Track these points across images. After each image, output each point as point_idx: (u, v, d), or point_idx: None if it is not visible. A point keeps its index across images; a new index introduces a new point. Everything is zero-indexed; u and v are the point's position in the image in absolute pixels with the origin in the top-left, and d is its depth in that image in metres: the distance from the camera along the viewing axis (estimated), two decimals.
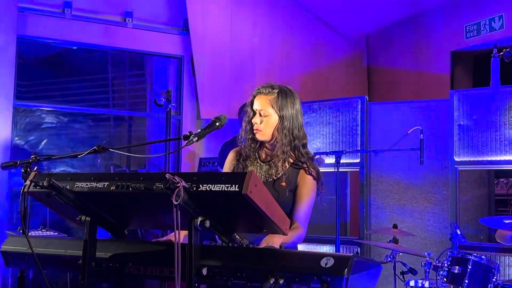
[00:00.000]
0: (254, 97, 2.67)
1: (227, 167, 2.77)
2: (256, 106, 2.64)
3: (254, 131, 2.66)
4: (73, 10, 5.33)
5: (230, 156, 2.79)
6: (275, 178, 2.62)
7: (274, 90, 2.63)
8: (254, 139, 2.68)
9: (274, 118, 2.62)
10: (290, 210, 2.62)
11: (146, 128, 5.99)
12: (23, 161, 2.58)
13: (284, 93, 2.63)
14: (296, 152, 2.63)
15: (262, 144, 2.70)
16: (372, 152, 4.97)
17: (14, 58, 4.63)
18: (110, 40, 5.50)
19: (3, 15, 4.54)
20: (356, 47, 6.94)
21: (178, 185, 1.82)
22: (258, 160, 2.70)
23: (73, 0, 5.35)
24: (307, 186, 2.62)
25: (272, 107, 2.61)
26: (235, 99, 5.59)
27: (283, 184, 2.59)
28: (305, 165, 2.63)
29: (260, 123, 2.63)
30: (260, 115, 2.63)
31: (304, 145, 2.67)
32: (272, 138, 2.65)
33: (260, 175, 2.63)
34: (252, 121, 2.66)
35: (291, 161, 2.62)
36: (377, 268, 2.12)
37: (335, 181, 4.44)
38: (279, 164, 2.61)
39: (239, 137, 2.75)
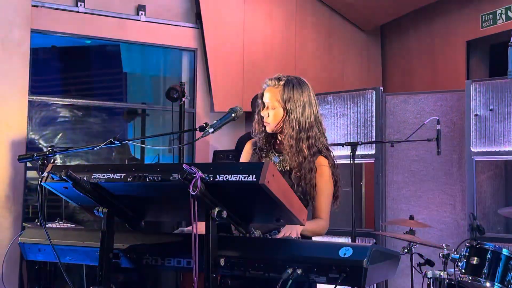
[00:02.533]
0: (264, 89, 2.68)
1: (244, 157, 2.78)
2: (265, 99, 2.66)
3: (264, 124, 2.66)
4: (86, 4, 5.35)
5: (247, 147, 2.80)
6: (289, 169, 2.62)
7: (280, 83, 2.63)
8: (266, 131, 2.69)
9: (280, 110, 2.62)
10: (306, 200, 2.62)
11: (160, 121, 6.00)
12: (40, 153, 2.59)
13: (290, 85, 2.62)
14: (309, 143, 2.61)
15: (276, 135, 2.70)
16: (387, 143, 4.95)
17: (29, 52, 4.65)
18: (123, 34, 5.52)
19: (17, 9, 4.56)
20: (370, 38, 6.91)
21: (195, 175, 1.82)
22: (273, 151, 2.70)
23: None
24: (324, 177, 2.62)
25: (277, 100, 2.61)
26: (248, 92, 5.59)
27: (297, 174, 2.59)
28: (320, 156, 2.62)
29: (268, 116, 2.64)
30: (268, 108, 2.64)
31: (317, 136, 2.64)
32: (281, 130, 2.64)
33: (275, 165, 2.63)
34: (262, 113, 2.67)
35: (304, 154, 2.60)
36: (396, 258, 2.12)
37: (350, 173, 4.43)
38: (292, 155, 2.61)
39: (253, 130, 2.76)
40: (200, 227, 2.32)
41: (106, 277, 2.07)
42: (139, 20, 5.59)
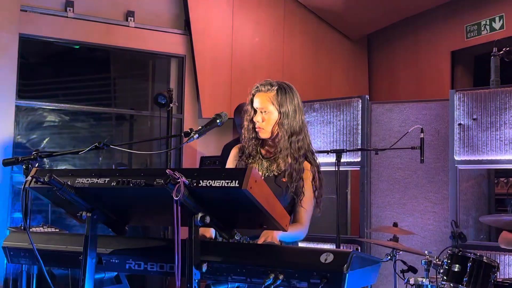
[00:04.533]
0: (254, 95, 2.67)
1: (230, 162, 2.78)
2: (257, 104, 2.64)
3: (257, 130, 2.66)
4: (75, 9, 5.34)
5: (234, 152, 2.80)
6: (276, 174, 2.63)
7: (273, 87, 2.63)
8: (257, 138, 2.69)
9: (275, 115, 2.62)
10: (291, 205, 2.62)
11: (148, 127, 5.99)
12: (24, 157, 2.58)
13: (283, 89, 2.64)
14: (299, 145, 2.63)
15: (263, 141, 2.71)
16: (372, 151, 4.97)
17: (16, 56, 4.64)
18: (112, 39, 5.51)
19: (5, 13, 4.54)
20: (357, 47, 6.95)
21: (178, 180, 1.82)
22: (260, 157, 2.70)
23: (75, 0, 5.35)
24: (306, 182, 2.62)
25: (273, 104, 2.62)
26: (236, 99, 5.59)
27: (284, 180, 2.60)
28: (308, 160, 2.64)
29: (262, 121, 2.63)
30: (261, 113, 2.63)
31: (304, 140, 2.66)
32: (273, 135, 2.65)
33: (261, 171, 2.64)
34: (254, 119, 2.65)
35: (295, 156, 2.61)
36: (377, 264, 2.12)
37: (335, 180, 4.44)
38: (280, 160, 2.62)
39: (242, 137, 2.75)
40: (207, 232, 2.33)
41: (89, 281, 2.06)
42: (128, 26, 5.59)
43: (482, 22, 5.88)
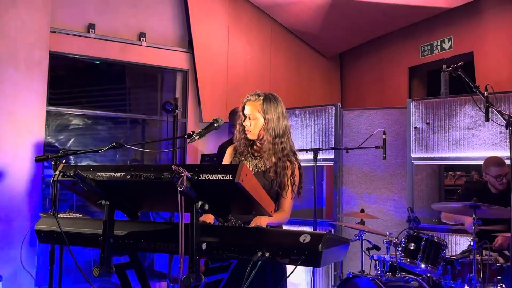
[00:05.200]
0: (245, 103, 2.67)
1: (226, 160, 2.77)
2: (246, 111, 2.65)
3: (246, 132, 2.66)
4: (96, 30, 5.32)
5: (229, 150, 2.79)
6: (264, 169, 2.63)
7: (260, 97, 2.64)
8: (246, 138, 2.69)
9: (261, 120, 2.62)
10: (277, 196, 2.62)
11: (157, 130, 5.97)
12: (53, 154, 2.55)
13: (268, 99, 2.64)
14: (282, 146, 2.62)
15: (253, 142, 2.71)
16: (343, 150, 4.99)
17: (47, 70, 4.60)
18: (127, 56, 5.49)
19: (38, 35, 4.51)
20: (331, 63, 6.96)
21: (182, 174, 1.82)
22: (251, 155, 2.70)
23: (96, 23, 5.33)
24: (294, 178, 2.62)
25: (259, 112, 2.61)
26: (231, 105, 5.58)
27: (271, 175, 2.60)
28: (289, 159, 2.64)
29: (250, 126, 2.63)
30: (249, 119, 2.63)
31: (287, 142, 2.66)
32: (259, 137, 2.65)
33: (251, 167, 2.64)
34: (244, 123, 2.66)
35: (278, 155, 2.61)
36: (346, 244, 2.12)
37: (313, 174, 4.45)
38: (267, 158, 2.62)
39: (234, 137, 2.76)
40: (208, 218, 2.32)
41: (107, 259, 2.05)
42: (141, 45, 5.56)
43: (434, 43, 5.91)
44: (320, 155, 4.67)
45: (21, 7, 4.43)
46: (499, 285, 3.58)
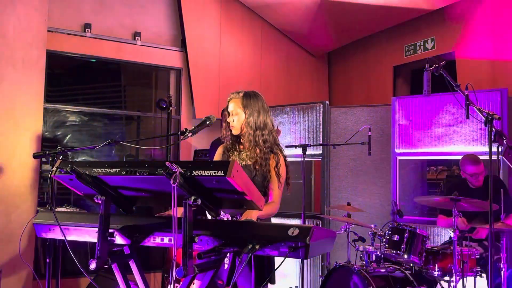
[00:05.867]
0: (228, 102, 2.71)
1: (216, 158, 2.78)
2: (229, 108, 2.70)
3: (230, 128, 2.68)
4: (92, 30, 5.28)
5: (219, 150, 2.81)
6: (249, 162, 2.63)
7: (240, 94, 2.68)
8: (231, 134, 2.71)
9: (242, 115, 2.65)
10: (264, 187, 2.63)
11: (152, 126, 5.95)
12: (51, 151, 2.55)
13: (248, 95, 2.67)
14: (263, 138, 2.63)
15: (239, 138, 2.71)
16: (331, 146, 5.01)
17: (44, 68, 4.56)
18: (122, 55, 5.46)
19: (36, 34, 4.47)
20: (319, 62, 6.97)
21: (175, 171, 1.82)
22: (237, 149, 2.71)
23: (92, 22, 5.29)
24: (279, 169, 2.63)
25: (240, 107, 2.65)
26: (223, 103, 5.48)
27: (257, 167, 2.60)
28: (272, 151, 2.64)
29: (233, 121, 2.67)
30: (232, 115, 2.67)
31: (270, 135, 2.65)
32: (242, 131, 2.67)
33: (239, 161, 2.65)
34: (228, 120, 2.69)
35: (260, 147, 2.62)
36: (333, 236, 2.13)
37: (302, 169, 4.46)
38: (251, 148, 2.63)
39: (222, 135, 2.78)
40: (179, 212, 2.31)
41: (103, 251, 2.05)
42: (135, 44, 5.54)
43: (418, 43, 5.94)
44: (309, 151, 4.69)
45: (19, 7, 4.39)
46: (478, 274, 3.63)
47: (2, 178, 4.23)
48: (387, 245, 3.71)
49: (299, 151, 4.51)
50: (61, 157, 2.25)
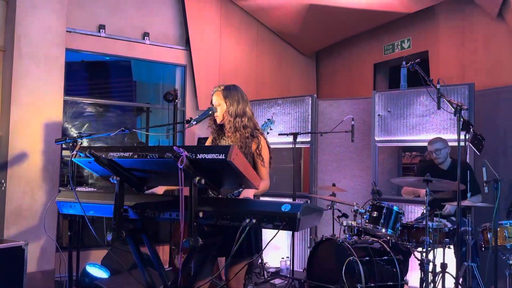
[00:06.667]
0: (212, 95, 2.67)
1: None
2: (213, 101, 2.66)
3: (215, 117, 2.66)
4: (106, 30, 5.23)
5: (208, 140, 2.78)
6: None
7: (221, 87, 2.65)
8: (215, 123, 2.67)
9: (223, 105, 2.62)
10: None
11: (159, 116, 5.93)
12: (71, 137, 2.54)
13: (228, 88, 2.64)
14: (243, 124, 2.59)
15: (223, 126, 2.68)
16: (319, 134, 5.02)
17: (64, 64, 4.53)
18: (133, 53, 5.42)
19: (56, 34, 4.43)
20: (308, 60, 6.95)
21: (182, 154, 1.82)
22: (224, 137, 2.68)
23: (106, 24, 5.24)
24: (261, 150, 2.59)
25: (221, 99, 2.62)
26: None
27: (241, 150, 2.57)
28: (253, 135, 2.60)
29: (217, 112, 2.63)
30: (216, 106, 2.63)
31: (249, 121, 2.61)
32: (224, 119, 2.63)
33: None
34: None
35: (240, 132, 2.58)
36: (320, 211, 2.15)
37: (292, 154, 4.48)
38: (232, 133, 2.59)
39: (209, 124, 2.73)
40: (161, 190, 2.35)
41: (118, 226, 2.06)
42: (145, 43, 5.49)
43: (395, 43, 5.93)
44: (299, 139, 4.70)
45: (41, 10, 4.34)
46: (447, 246, 3.67)
47: (28, 162, 4.22)
48: (367, 221, 3.74)
49: (290, 138, 4.52)
50: (80, 142, 2.24)
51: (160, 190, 2.51)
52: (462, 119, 3.08)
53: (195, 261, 2.31)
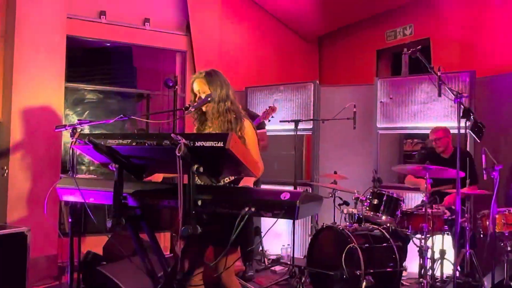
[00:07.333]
0: (192, 83, 2.58)
1: None
2: (195, 88, 2.57)
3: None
4: (107, 16, 5.18)
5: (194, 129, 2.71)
6: (218, 132, 2.47)
7: (202, 74, 2.56)
8: (201, 111, 2.58)
9: (207, 92, 2.52)
10: None
11: (159, 103, 5.91)
12: (71, 124, 2.52)
13: (209, 74, 2.55)
14: (226, 108, 2.52)
15: (204, 113, 2.58)
16: (320, 121, 5.00)
17: (65, 51, 4.50)
18: (134, 39, 5.37)
19: (56, 21, 4.39)
20: (310, 46, 6.89)
21: (180, 142, 1.81)
22: (207, 123, 2.59)
23: (107, 10, 5.19)
24: (249, 134, 2.51)
25: (205, 84, 2.53)
26: None
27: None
28: (236, 118, 2.52)
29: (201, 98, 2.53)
30: (199, 93, 2.54)
31: (233, 105, 2.54)
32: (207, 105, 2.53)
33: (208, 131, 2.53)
34: (196, 98, 2.57)
35: (224, 116, 2.50)
36: (320, 200, 2.13)
37: (294, 141, 4.46)
38: (216, 119, 2.50)
39: (192, 115, 2.62)
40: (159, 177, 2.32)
41: (118, 213, 2.07)
42: (145, 29, 5.44)
43: (398, 30, 5.87)
44: (300, 126, 4.68)
45: None
46: (445, 233, 3.68)
47: (29, 148, 4.22)
48: (367, 208, 3.75)
49: (291, 125, 4.50)
50: (80, 130, 2.23)
51: (157, 177, 2.49)
52: (462, 107, 3.06)
53: (194, 249, 2.31)
